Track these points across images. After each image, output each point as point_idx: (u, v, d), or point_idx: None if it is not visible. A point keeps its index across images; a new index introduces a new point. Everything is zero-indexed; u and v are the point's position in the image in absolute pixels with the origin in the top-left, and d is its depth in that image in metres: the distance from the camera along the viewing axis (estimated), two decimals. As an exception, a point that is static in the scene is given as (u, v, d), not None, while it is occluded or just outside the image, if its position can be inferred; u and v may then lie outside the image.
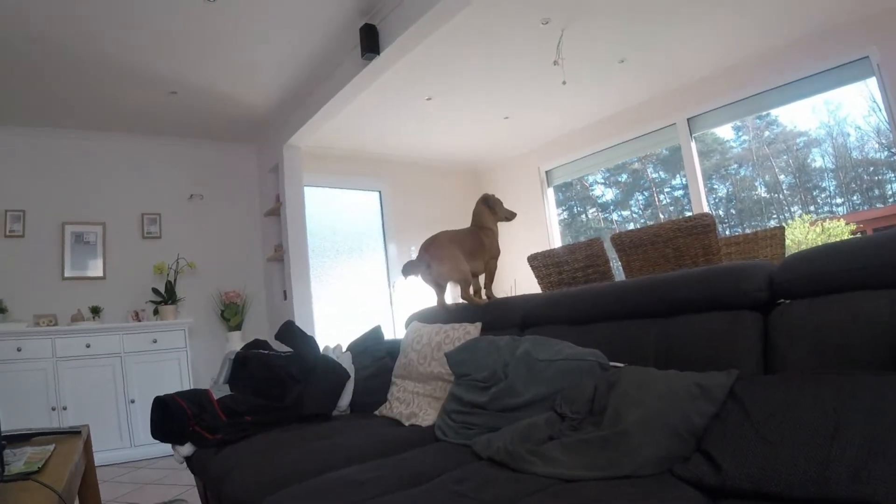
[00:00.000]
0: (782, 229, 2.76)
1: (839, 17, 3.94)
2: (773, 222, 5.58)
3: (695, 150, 5.07)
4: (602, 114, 5.58)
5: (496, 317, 2.21)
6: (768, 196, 5.73)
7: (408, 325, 2.66)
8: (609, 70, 4.54)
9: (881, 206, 5.14)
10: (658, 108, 5.21)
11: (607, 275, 2.79)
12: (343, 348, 2.65)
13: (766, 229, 2.79)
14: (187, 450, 2.05)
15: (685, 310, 1.59)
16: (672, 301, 1.62)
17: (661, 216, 6.37)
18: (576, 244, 2.88)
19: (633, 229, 2.65)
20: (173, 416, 2.03)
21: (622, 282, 1.97)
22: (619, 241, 2.65)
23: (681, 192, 5.99)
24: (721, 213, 5.81)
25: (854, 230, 4.62)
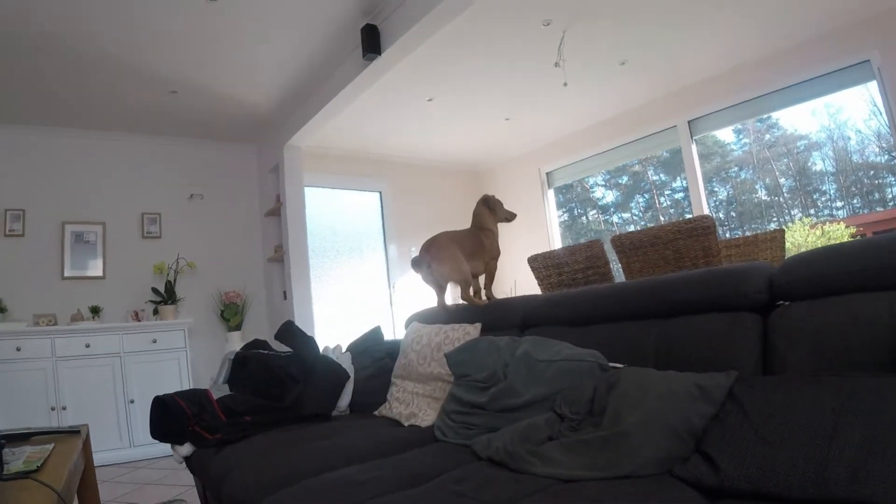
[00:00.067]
0: (782, 232, 2.76)
1: (840, 20, 3.95)
2: (773, 225, 5.58)
3: (695, 152, 5.08)
4: (603, 115, 5.59)
5: (496, 317, 2.21)
6: (769, 199, 5.73)
7: (407, 325, 2.66)
8: (610, 72, 4.55)
9: (881, 209, 5.14)
10: (659, 110, 5.22)
11: (607, 276, 2.80)
12: (343, 349, 2.65)
13: (766, 232, 2.79)
14: (187, 450, 2.05)
15: (685, 311, 1.59)
16: (672, 302, 1.62)
17: (662, 218, 6.37)
18: (576, 245, 2.88)
19: (633, 231, 2.65)
20: (173, 416, 2.03)
21: (622, 283, 1.97)
22: (619, 242, 2.65)
23: (681, 194, 6.00)
24: (721, 215, 5.81)
25: (854, 233, 4.62)
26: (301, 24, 3.44)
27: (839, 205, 5.44)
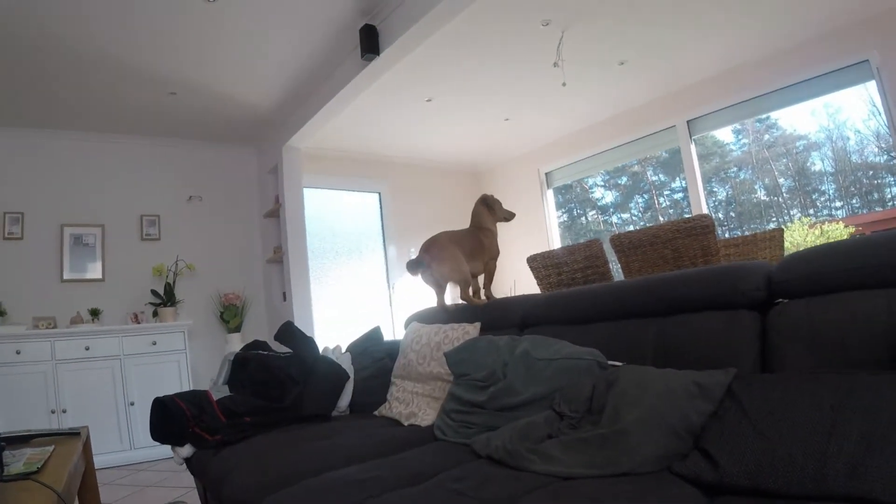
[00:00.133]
0: (781, 231, 2.76)
1: (839, 20, 3.96)
2: (772, 225, 5.58)
3: (694, 152, 5.08)
4: (602, 116, 5.60)
5: (495, 317, 2.21)
6: (768, 199, 5.73)
7: (407, 325, 2.66)
8: (609, 72, 4.55)
9: (880, 209, 5.14)
10: (658, 110, 5.22)
11: (606, 276, 2.79)
12: (342, 349, 2.65)
13: (765, 231, 2.79)
14: (187, 451, 2.05)
15: (683, 309, 1.59)
16: (670, 300, 1.63)
17: (661, 219, 6.37)
18: (575, 245, 2.88)
19: (632, 230, 2.65)
20: (173, 418, 2.03)
21: (620, 282, 1.97)
22: (618, 242, 2.65)
23: (680, 194, 6.00)
24: (720, 215, 5.81)
25: (853, 233, 4.62)
26: (300, 25, 3.44)
27: (838, 205, 5.44)
